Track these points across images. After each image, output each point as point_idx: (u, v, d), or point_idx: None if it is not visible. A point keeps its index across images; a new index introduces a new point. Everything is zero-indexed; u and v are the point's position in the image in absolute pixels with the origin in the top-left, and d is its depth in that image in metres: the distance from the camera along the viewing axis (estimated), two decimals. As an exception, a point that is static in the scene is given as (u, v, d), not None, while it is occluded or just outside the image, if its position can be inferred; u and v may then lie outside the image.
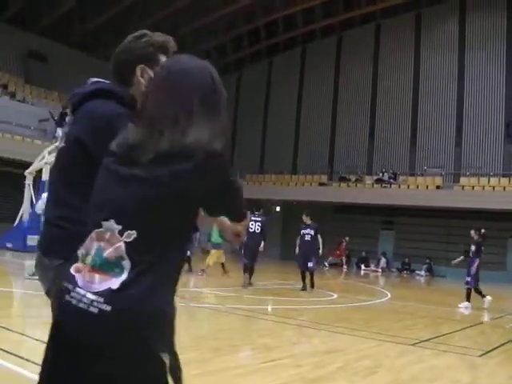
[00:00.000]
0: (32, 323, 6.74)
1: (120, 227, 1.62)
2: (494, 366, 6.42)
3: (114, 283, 1.57)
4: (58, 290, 1.68)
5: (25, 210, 18.90)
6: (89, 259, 1.63)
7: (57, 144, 17.11)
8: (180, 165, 1.60)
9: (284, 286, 13.38)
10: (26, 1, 28.76)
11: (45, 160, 18.16)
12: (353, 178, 32.05)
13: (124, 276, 1.57)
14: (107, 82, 2.23)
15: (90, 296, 1.56)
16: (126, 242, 1.60)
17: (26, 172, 18.72)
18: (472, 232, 13.01)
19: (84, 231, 1.70)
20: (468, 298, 12.69)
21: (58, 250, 2.07)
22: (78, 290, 1.60)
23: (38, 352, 4.99)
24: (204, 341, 6.45)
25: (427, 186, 29.31)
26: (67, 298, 1.61)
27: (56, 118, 24.63)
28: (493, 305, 12.65)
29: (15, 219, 19.49)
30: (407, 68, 33.01)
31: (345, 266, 29.28)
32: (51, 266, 2.08)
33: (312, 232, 13.71)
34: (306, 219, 13.94)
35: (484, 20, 30.78)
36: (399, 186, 30.00)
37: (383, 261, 30.17)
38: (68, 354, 1.59)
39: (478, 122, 30.21)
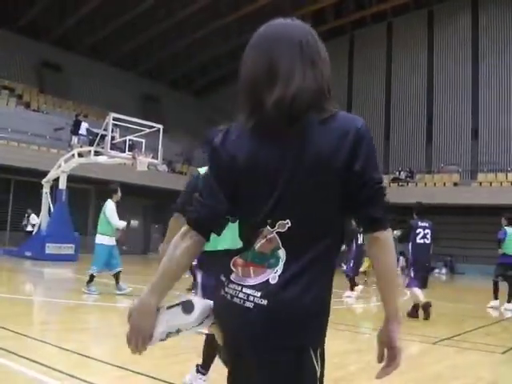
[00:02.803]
0: (52, 330, 6.76)
1: (270, 220, 1.53)
2: (518, 363, 6.34)
3: (271, 276, 1.50)
4: (217, 283, 1.65)
5: (43, 219, 18.97)
6: (248, 255, 1.57)
7: (73, 152, 16.98)
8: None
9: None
10: (37, 11, 29.10)
11: (61, 168, 18.25)
12: (369, 177, 31.89)
13: (279, 267, 1.50)
14: None
15: (246, 290, 1.52)
16: (279, 233, 1.52)
17: (43, 181, 18.79)
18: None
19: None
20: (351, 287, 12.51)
21: None
22: (232, 285, 1.56)
23: (60, 359, 4.96)
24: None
25: (444, 184, 29.10)
26: (222, 292, 1.59)
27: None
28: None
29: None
30: (421, 66, 32.83)
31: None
32: None
33: None
34: None
35: (497, 14, 30.54)
36: (416, 184, 29.80)
37: (402, 260, 29.91)
38: (229, 348, 1.62)
39: (494, 117, 29.95)
